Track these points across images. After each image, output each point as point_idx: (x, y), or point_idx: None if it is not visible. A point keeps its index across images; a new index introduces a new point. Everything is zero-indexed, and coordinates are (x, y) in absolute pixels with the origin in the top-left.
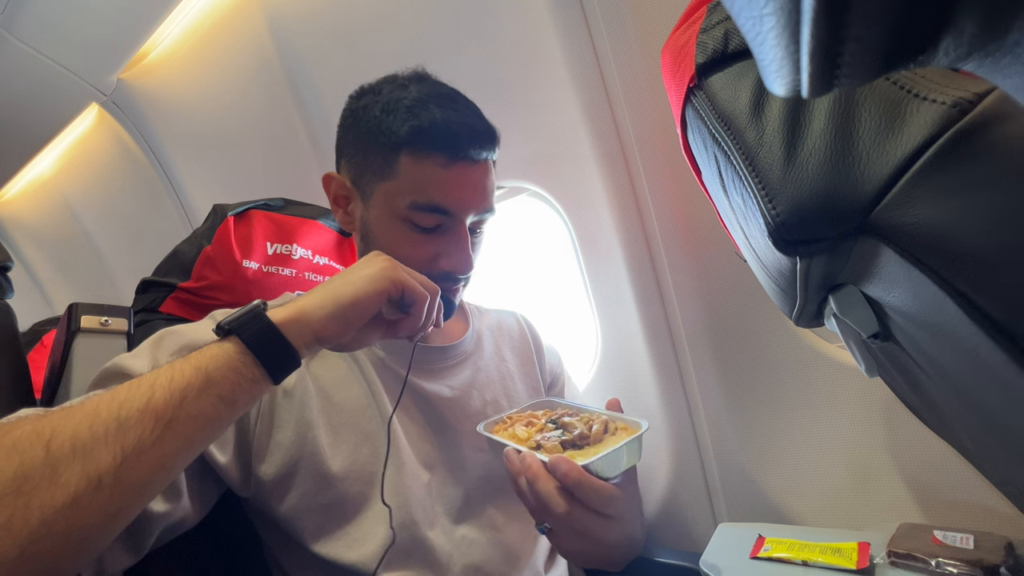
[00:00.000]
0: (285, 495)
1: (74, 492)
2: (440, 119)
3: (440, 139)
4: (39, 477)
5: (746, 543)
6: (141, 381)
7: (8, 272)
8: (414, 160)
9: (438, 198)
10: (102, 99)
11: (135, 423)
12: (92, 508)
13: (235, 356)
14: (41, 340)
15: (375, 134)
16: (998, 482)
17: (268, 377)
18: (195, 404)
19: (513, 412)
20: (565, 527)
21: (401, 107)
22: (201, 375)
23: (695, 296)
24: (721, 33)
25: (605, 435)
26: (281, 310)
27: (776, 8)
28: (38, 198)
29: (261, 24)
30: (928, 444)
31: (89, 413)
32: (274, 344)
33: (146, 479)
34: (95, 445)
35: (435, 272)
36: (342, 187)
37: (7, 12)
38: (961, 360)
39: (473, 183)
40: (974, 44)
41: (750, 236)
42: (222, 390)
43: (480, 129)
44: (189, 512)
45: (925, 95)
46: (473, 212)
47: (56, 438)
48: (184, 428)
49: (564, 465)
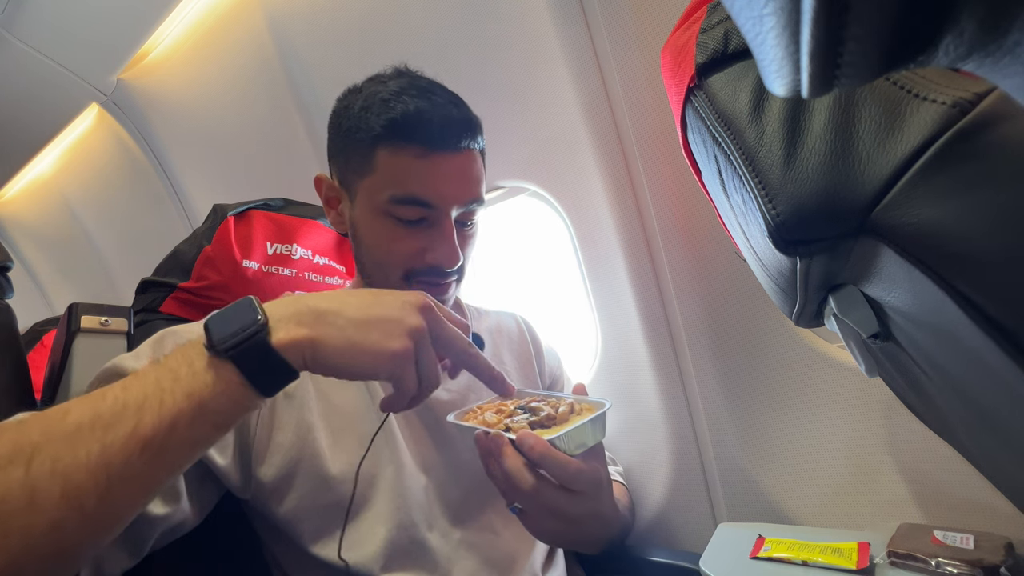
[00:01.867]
0: (285, 496)
1: (55, 516)
2: (413, 110)
3: (414, 130)
4: (16, 500)
5: (746, 543)
6: (127, 399)
7: (8, 272)
8: (390, 153)
9: (417, 190)
10: (102, 99)
11: (120, 448)
12: (75, 531)
13: (234, 387)
14: (41, 340)
15: (355, 131)
16: (998, 482)
17: (264, 398)
18: (187, 431)
19: (483, 403)
20: (534, 504)
21: (377, 101)
22: (194, 403)
23: (695, 296)
24: (721, 33)
25: (571, 415)
26: (284, 330)
27: (776, 8)
28: (38, 198)
29: (261, 24)
30: (928, 444)
31: (70, 434)
32: (276, 372)
33: (131, 501)
34: (76, 470)
35: (422, 267)
36: (332, 188)
37: (7, 12)
38: (961, 360)
39: (454, 173)
40: (974, 44)
41: (750, 236)
42: (217, 418)
43: (456, 117)
44: (189, 515)
45: (925, 95)
46: (457, 203)
47: (37, 457)
48: (173, 454)
49: (530, 439)
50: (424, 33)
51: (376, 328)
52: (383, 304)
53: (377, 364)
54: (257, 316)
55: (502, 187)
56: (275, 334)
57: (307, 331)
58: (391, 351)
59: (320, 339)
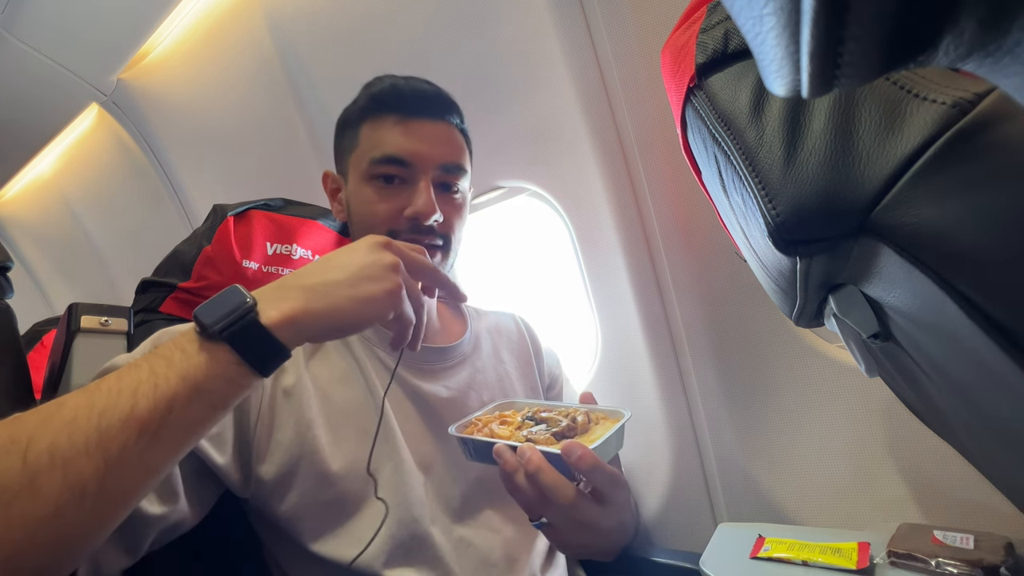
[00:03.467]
0: (285, 494)
1: (56, 503)
2: (389, 85)
3: (390, 101)
4: (17, 488)
5: (746, 543)
6: (122, 386)
7: (8, 272)
8: (371, 125)
9: (393, 149)
10: (102, 99)
11: (117, 432)
12: (77, 518)
13: (228, 366)
14: (41, 340)
15: (346, 121)
16: (998, 482)
17: (260, 376)
18: (184, 414)
19: (479, 414)
20: (567, 519)
21: (362, 89)
22: (189, 385)
23: (695, 296)
24: (721, 33)
25: (590, 425)
26: (274, 308)
27: (776, 8)
28: (38, 198)
29: (261, 24)
30: (928, 444)
31: (67, 422)
32: (269, 350)
33: (132, 486)
34: (75, 455)
35: (403, 226)
36: (335, 180)
37: (7, 12)
38: (961, 360)
39: (430, 136)
40: (974, 44)
41: (750, 236)
42: (213, 398)
43: (430, 91)
44: (187, 514)
45: (925, 95)
46: (432, 163)
47: (33, 447)
48: (172, 436)
49: (579, 449)
50: (424, 33)
51: (362, 279)
52: (353, 256)
53: (379, 308)
54: (245, 299)
55: (502, 187)
56: (264, 313)
57: (298, 304)
58: (386, 291)
59: (312, 308)
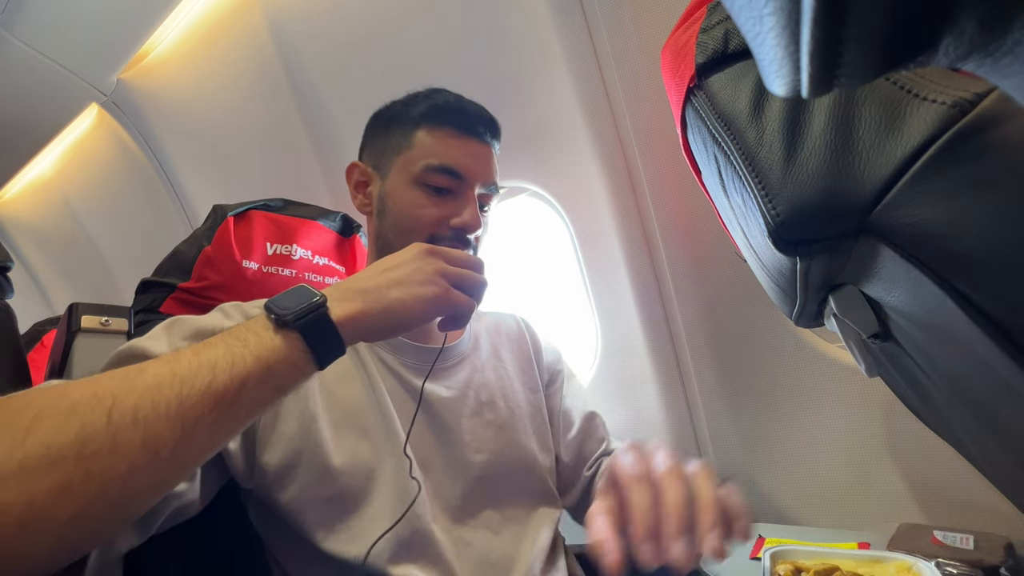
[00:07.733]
0: (287, 486)
1: (132, 462)
2: (452, 100)
3: (453, 115)
4: (99, 443)
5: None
6: (201, 360)
7: (8, 272)
8: (429, 131)
9: (450, 160)
10: (102, 99)
11: (195, 403)
12: (147, 478)
13: (296, 353)
14: (41, 340)
15: (396, 120)
16: (998, 482)
17: (318, 367)
18: (254, 392)
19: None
20: None
21: (419, 97)
22: (262, 366)
23: (695, 296)
24: (721, 33)
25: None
26: (339, 306)
27: (776, 8)
28: (38, 198)
29: (261, 24)
30: (928, 444)
31: (151, 387)
32: (332, 343)
33: (198, 454)
34: (156, 419)
35: (444, 234)
36: (364, 173)
37: (7, 12)
38: (961, 360)
39: (480, 156)
40: (974, 44)
41: (750, 236)
42: (280, 381)
43: (485, 115)
44: (196, 497)
45: (925, 95)
46: (480, 181)
47: (117, 406)
48: (239, 412)
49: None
50: (424, 34)
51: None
52: (398, 266)
53: (425, 309)
54: (315, 295)
55: (502, 187)
56: (332, 310)
57: (357, 305)
58: (433, 295)
59: (369, 310)
